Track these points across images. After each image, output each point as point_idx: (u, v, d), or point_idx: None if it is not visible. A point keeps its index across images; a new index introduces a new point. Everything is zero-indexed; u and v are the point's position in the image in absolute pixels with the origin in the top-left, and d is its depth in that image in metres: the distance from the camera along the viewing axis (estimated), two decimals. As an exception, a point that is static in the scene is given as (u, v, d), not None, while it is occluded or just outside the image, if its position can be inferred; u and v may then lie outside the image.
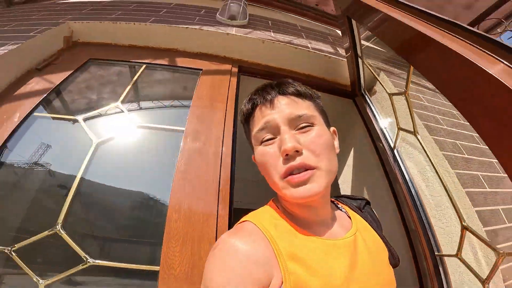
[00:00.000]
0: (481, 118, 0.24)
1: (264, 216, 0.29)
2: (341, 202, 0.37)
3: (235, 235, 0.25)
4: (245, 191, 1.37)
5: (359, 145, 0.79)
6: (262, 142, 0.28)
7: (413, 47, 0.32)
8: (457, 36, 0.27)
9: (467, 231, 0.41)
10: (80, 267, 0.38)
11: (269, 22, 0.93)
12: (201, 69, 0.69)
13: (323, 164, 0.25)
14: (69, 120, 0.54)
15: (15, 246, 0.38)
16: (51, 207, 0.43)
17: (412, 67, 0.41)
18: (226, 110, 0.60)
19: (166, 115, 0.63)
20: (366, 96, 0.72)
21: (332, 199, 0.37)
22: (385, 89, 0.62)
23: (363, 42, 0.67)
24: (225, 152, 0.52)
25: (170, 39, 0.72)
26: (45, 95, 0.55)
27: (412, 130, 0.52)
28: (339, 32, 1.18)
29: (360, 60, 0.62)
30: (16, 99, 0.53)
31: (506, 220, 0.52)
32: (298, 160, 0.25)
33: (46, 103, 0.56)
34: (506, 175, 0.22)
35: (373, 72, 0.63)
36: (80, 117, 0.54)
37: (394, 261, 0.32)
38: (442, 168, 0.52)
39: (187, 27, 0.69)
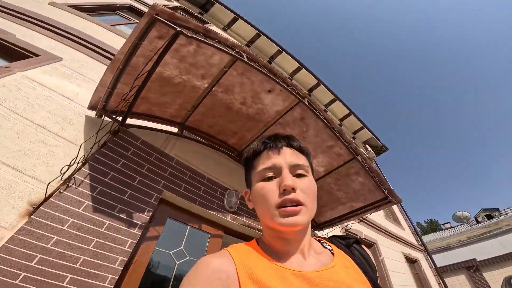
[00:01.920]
0: None
1: (240, 246, 0.48)
2: (329, 241, 0.57)
3: (209, 256, 0.43)
4: None
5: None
6: (263, 179, 0.49)
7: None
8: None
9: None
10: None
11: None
12: (210, 233, 2.08)
13: (309, 204, 0.46)
14: (166, 253, 1.76)
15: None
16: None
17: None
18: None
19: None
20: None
21: (321, 238, 0.58)
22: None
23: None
24: None
25: (203, 212, 2.07)
26: (155, 245, 1.74)
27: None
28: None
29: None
30: (148, 239, 1.67)
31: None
32: (292, 195, 0.45)
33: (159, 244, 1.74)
34: None
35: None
36: (171, 252, 1.78)
37: None
38: None
39: (216, 214, 2.08)
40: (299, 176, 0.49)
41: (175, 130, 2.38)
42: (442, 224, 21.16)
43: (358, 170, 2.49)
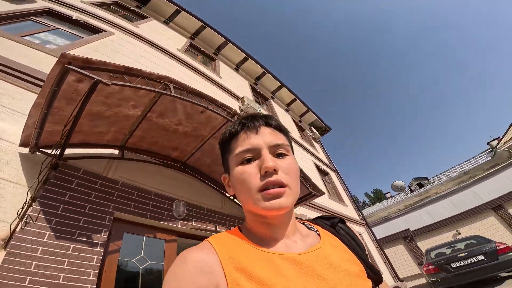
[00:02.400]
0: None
1: (222, 235, 0.50)
2: (313, 223, 0.60)
3: (188, 250, 0.44)
4: None
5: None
6: (242, 162, 0.50)
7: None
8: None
9: None
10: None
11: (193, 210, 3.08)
12: (165, 239, 2.62)
13: (292, 185, 0.48)
14: (130, 261, 2.27)
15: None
16: None
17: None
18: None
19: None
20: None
21: (305, 221, 0.61)
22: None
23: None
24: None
25: (155, 223, 2.59)
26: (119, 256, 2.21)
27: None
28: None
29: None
30: (110, 253, 2.12)
31: None
32: (274, 177, 0.46)
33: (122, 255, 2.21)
34: None
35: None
36: (133, 259, 2.29)
37: (375, 277, 0.49)
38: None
39: (167, 223, 2.62)
40: (280, 156, 0.51)
41: (115, 152, 2.76)
42: (385, 194, 24.14)
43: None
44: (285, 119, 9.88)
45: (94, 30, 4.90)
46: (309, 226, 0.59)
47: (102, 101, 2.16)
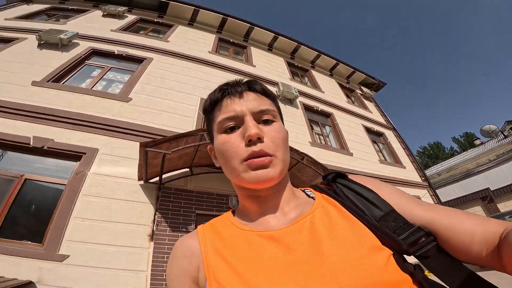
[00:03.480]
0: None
1: (213, 220, 0.55)
2: (313, 189, 0.57)
3: (180, 238, 0.53)
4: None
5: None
6: (225, 130, 0.51)
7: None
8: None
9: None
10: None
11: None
12: None
13: (279, 154, 0.48)
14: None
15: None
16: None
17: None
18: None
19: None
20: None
21: (306, 188, 0.59)
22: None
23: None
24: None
25: (220, 214, 4.41)
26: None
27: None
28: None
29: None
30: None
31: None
32: (259, 147, 0.46)
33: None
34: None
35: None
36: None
37: (395, 245, 0.40)
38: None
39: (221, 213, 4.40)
40: (266, 122, 0.52)
41: (187, 170, 4.59)
42: (473, 141, 21.73)
43: (309, 164, 4.54)
44: (328, 85, 10.39)
45: (137, 60, 6.46)
46: (309, 193, 0.57)
47: (171, 153, 3.92)
